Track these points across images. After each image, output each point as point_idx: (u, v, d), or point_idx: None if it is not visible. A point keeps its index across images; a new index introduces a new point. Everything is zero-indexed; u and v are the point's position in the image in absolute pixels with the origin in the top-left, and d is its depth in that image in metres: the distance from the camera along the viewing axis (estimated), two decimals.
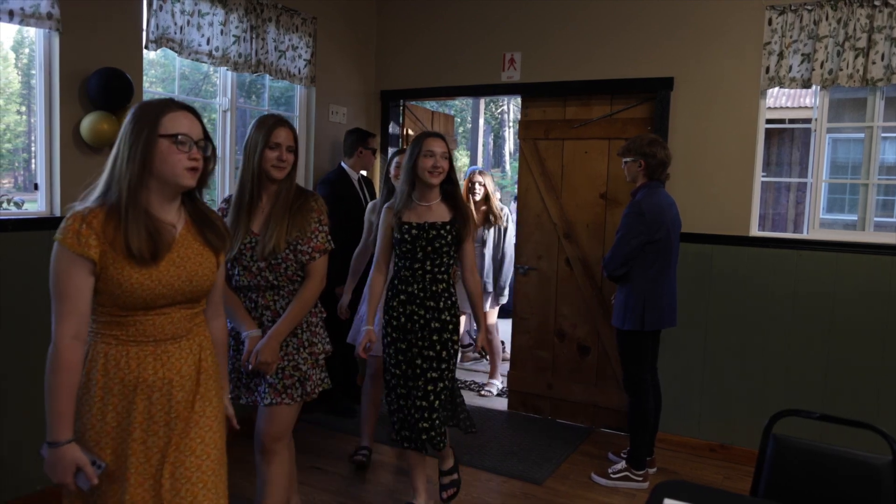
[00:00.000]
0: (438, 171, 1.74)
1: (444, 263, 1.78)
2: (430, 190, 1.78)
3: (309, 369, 1.55)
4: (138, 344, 1.04)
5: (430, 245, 1.75)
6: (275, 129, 1.49)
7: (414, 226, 1.75)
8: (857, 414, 1.99)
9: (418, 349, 1.77)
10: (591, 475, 2.27)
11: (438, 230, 1.75)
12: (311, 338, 1.57)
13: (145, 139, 1.01)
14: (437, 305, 1.77)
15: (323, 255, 1.53)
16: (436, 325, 1.76)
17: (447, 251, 1.77)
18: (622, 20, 2.59)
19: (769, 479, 1.23)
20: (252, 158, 1.48)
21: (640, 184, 2.19)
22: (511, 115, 10.02)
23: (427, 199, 1.78)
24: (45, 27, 1.77)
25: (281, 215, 1.48)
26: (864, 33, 2.16)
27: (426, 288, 1.77)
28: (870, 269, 2.23)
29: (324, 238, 1.53)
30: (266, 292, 1.52)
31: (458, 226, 1.77)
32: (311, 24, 2.69)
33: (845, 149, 6.19)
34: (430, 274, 1.77)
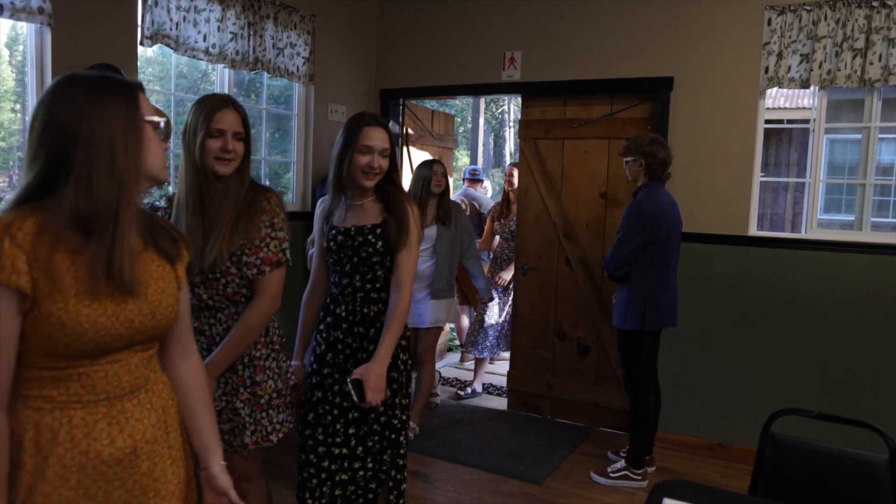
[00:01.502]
0: (374, 173, 1.37)
1: (378, 279, 1.39)
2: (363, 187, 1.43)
3: (252, 414, 1.23)
4: (85, 406, 0.75)
5: (356, 254, 1.38)
6: (217, 111, 1.18)
7: (340, 230, 1.39)
8: (854, 412, 1.99)
9: (339, 387, 1.38)
10: (591, 474, 2.27)
11: (365, 235, 1.37)
12: (255, 375, 1.24)
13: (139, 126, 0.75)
14: (368, 333, 1.38)
15: (276, 270, 1.21)
16: (363, 357, 1.38)
17: (380, 262, 1.38)
18: (622, 20, 2.59)
19: (768, 478, 1.23)
20: (192, 149, 1.18)
21: (641, 183, 2.19)
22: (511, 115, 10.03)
23: (358, 198, 1.41)
24: (37, 22, 1.76)
25: (224, 220, 1.18)
26: (863, 34, 2.16)
27: (355, 310, 1.39)
28: (867, 268, 2.24)
29: (276, 247, 1.21)
30: (200, 314, 1.22)
31: (391, 231, 1.36)
32: (310, 21, 2.68)
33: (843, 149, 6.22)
34: (361, 292, 1.38)
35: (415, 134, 3.33)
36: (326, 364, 1.41)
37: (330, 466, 1.37)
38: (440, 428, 2.69)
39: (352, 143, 1.36)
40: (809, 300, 2.32)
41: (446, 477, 2.25)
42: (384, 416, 1.38)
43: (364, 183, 1.38)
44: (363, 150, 1.36)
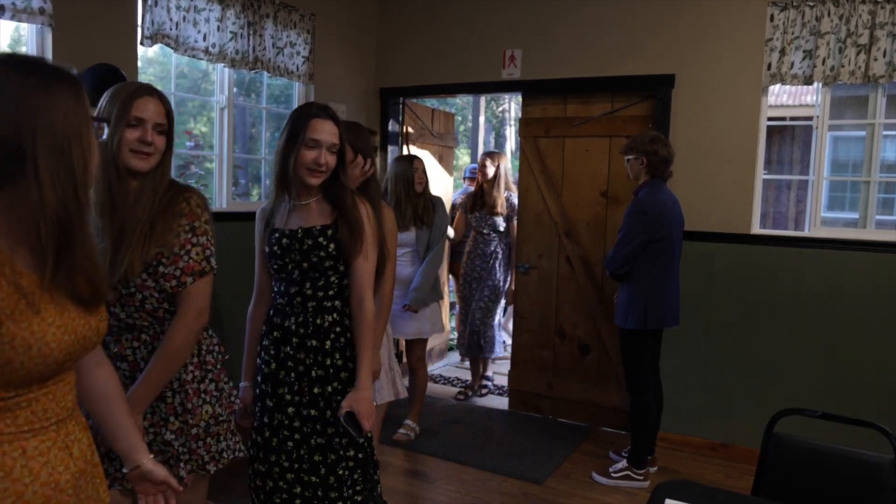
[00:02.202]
0: (321, 171, 1.23)
1: (331, 286, 1.26)
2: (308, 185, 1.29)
3: (185, 444, 1.10)
4: (37, 434, 0.67)
5: (305, 259, 1.24)
6: (137, 98, 1.03)
7: (285, 233, 1.26)
8: (858, 412, 1.97)
9: (295, 408, 1.25)
10: (592, 474, 2.26)
11: (315, 238, 1.24)
12: (186, 401, 1.10)
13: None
14: (323, 346, 1.25)
15: (199, 280, 1.06)
16: (318, 374, 1.25)
17: (332, 267, 1.25)
18: (623, 17, 2.58)
19: (771, 479, 1.22)
20: (108, 141, 1.01)
21: (642, 181, 2.18)
22: (512, 114, 10.02)
23: (303, 197, 1.28)
24: (38, 23, 1.76)
25: (137, 224, 1.02)
26: (866, 30, 2.14)
27: (307, 321, 1.25)
28: (871, 266, 2.22)
29: (199, 255, 1.06)
30: (121, 336, 1.08)
31: (344, 238, 1.24)
32: (310, 20, 2.67)
33: (846, 146, 6.18)
34: (312, 301, 1.25)
35: (415, 133, 3.32)
36: (280, 383, 1.27)
37: (304, 493, 1.26)
38: (440, 428, 2.68)
39: (298, 136, 1.23)
40: (813, 299, 2.30)
41: (446, 476, 2.25)
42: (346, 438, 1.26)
43: (309, 181, 1.24)
44: (310, 145, 1.22)
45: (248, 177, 4.46)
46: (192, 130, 5.16)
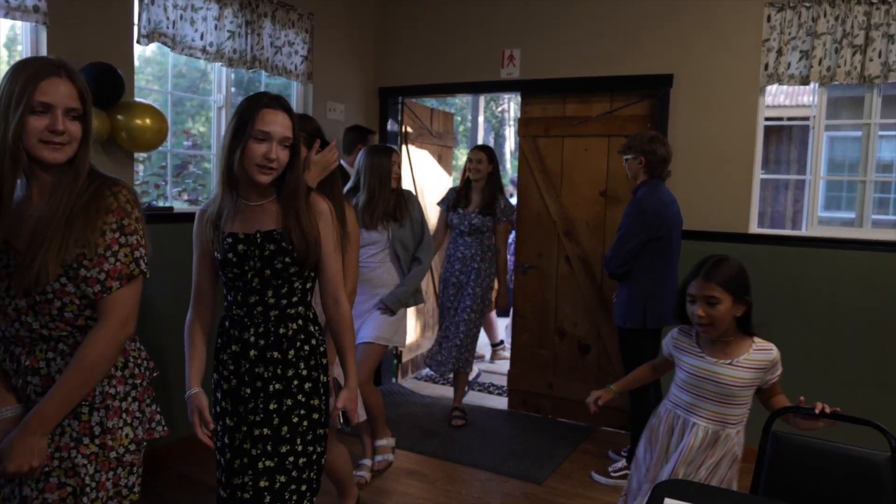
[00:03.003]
0: (271, 168, 1.11)
1: (296, 292, 1.17)
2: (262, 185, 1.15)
3: (96, 474, 0.94)
4: None
5: (267, 266, 1.14)
6: (42, 79, 0.89)
7: (240, 238, 1.14)
8: (856, 410, 1.98)
9: (248, 426, 1.16)
10: (592, 474, 2.26)
11: (278, 242, 1.14)
12: (107, 420, 0.95)
13: None
14: (285, 357, 1.16)
15: (126, 285, 0.94)
16: (276, 388, 1.15)
17: (297, 273, 1.16)
18: (622, 17, 2.58)
19: (769, 477, 1.22)
20: (7, 128, 0.88)
21: (641, 181, 2.18)
22: (511, 114, 10.03)
23: (254, 197, 1.16)
24: (32, 20, 1.75)
25: (55, 221, 0.90)
26: (862, 30, 2.16)
27: (268, 332, 1.16)
28: (867, 265, 2.23)
29: (127, 256, 0.94)
30: (35, 347, 0.95)
31: (295, 239, 1.13)
32: (308, 19, 2.67)
33: (843, 146, 6.21)
34: (275, 310, 1.15)
35: (414, 132, 3.32)
36: (241, 399, 1.17)
37: None
38: (440, 428, 2.68)
39: (246, 128, 1.10)
40: (810, 298, 2.31)
41: (446, 477, 2.25)
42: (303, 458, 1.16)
43: (258, 178, 1.11)
44: (259, 138, 1.09)
45: None
46: (190, 130, 5.15)
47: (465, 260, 2.68)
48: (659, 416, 1.41)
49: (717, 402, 1.30)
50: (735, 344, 1.31)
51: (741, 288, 1.28)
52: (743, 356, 1.30)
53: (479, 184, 2.69)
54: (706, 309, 1.26)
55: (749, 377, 1.30)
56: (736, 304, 1.27)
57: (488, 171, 2.68)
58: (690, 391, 1.33)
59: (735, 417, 1.32)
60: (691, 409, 1.33)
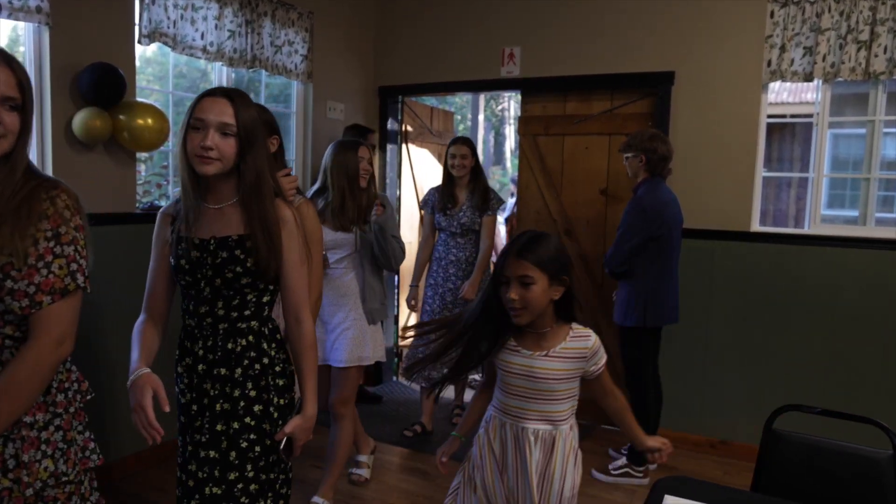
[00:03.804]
0: (209, 157, 1.01)
1: (247, 305, 1.08)
2: (219, 182, 1.06)
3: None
4: None
5: (218, 275, 1.05)
6: None
7: (195, 243, 1.06)
8: (858, 409, 1.97)
9: (194, 446, 1.09)
10: (592, 472, 2.26)
11: (231, 250, 1.05)
12: (21, 453, 0.85)
13: None
14: (233, 375, 1.07)
15: (61, 301, 0.84)
16: (224, 408, 1.07)
17: (250, 284, 1.07)
18: (623, 14, 2.57)
19: (770, 475, 1.22)
20: None
21: (641, 179, 2.18)
22: (512, 113, 10.02)
23: (215, 199, 1.08)
24: (35, 21, 1.76)
25: None
26: (867, 26, 2.14)
27: (215, 346, 1.07)
28: (871, 264, 2.22)
29: (62, 269, 0.85)
30: None
31: (260, 251, 1.04)
32: (308, 18, 2.67)
33: (846, 144, 6.17)
34: (224, 322, 1.07)
35: (414, 131, 3.32)
36: (195, 415, 1.11)
37: None
38: (441, 426, 2.68)
39: (187, 119, 1.03)
40: (812, 296, 2.30)
41: (447, 475, 2.25)
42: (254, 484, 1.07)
43: (199, 170, 1.02)
44: (195, 126, 1.02)
45: None
46: None
47: (460, 263, 2.50)
48: (487, 430, 1.20)
49: (542, 400, 1.14)
50: (552, 333, 1.15)
51: (558, 267, 1.12)
52: (559, 345, 1.14)
53: (464, 180, 2.49)
54: (519, 290, 1.09)
55: (566, 368, 1.14)
56: (553, 286, 1.12)
57: (472, 165, 2.49)
58: (515, 393, 1.15)
59: (563, 413, 1.16)
60: (521, 413, 1.14)
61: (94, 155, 1.95)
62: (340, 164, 1.88)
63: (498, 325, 1.14)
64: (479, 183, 2.51)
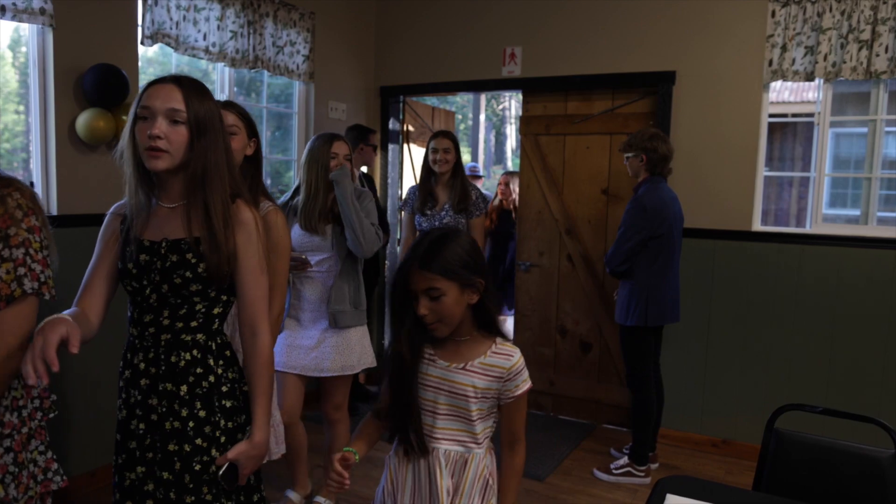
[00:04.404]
0: (158, 149, 0.93)
1: (195, 315, 0.99)
2: (172, 178, 0.98)
3: None
4: None
5: (166, 280, 0.97)
6: None
7: (144, 245, 0.98)
8: (859, 408, 1.98)
9: (146, 468, 0.99)
10: (594, 471, 2.26)
11: (183, 253, 0.96)
12: None
13: None
14: (179, 391, 0.98)
15: (8, 308, 0.81)
16: (174, 426, 0.98)
17: (200, 292, 0.98)
18: (624, 14, 2.57)
19: (772, 474, 1.22)
20: None
21: (642, 179, 2.18)
22: (513, 112, 10.02)
23: (168, 197, 0.99)
24: (38, 23, 1.76)
25: None
26: (868, 25, 2.14)
27: (158, 359, 0.98)
28: (872, 263, 2.22)
29: (9, 273, 0.81)
30: None
31: (207, 250, 0.96)
32: (310, 19, 2.67)
33: (848, 143, 6.16)
34: (167, 333, 0.98)
35: (415, 131, 3.32)
36: (130, 435, 1.00)
37: None
38: None
39: (134, 110, 0.95)
40: (814, 296, 2.30)
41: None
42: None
43: (149, 165, 0.94)
44: (143, 116, 0.93)
45: None
46: None
47: None
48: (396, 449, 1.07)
49: (454, 418, 1.02)
50: (472, 343, 1.03)
51: (469, 271, 0.97)
52: (478, 359, 1.01)
53: (445, 177, 2.28)
54: (429, 304, 0.96)
55: (483, 386, 1.01)
56: (466, 292, 0.98)
57: (455, 160, 2.28)
58: (426, 408, 1.02)
59: (477, 436, 1.03)
60: (430, 431, 1.02)
61: (97, 156, 1.96)
62: (312, 159, 1.75)
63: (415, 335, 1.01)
64: (459, 180, 2.30)
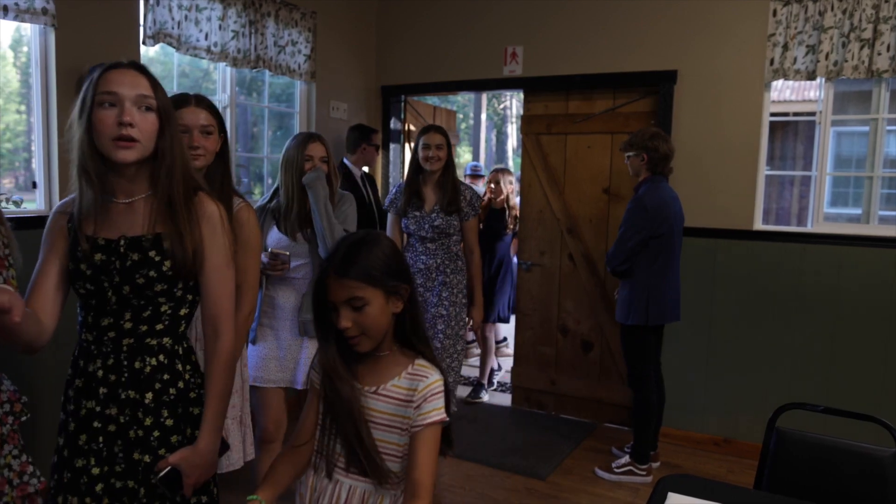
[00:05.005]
0: (131, 139, 0.86)
1: (160, 317, 0.93)
2: (132, 171, 0.90)
3: None
4: None
5: (128, 281, 0.90)
6: None
7: (99, 244, 0.90)
8: (861, 407, 1.97)
9: (104, 483, 0.92)
10: (595, 470, 2.27)
11: (145, 251, 0.90)
12: None
13: None
14: (143, 400, 0.92)
15: None
16: (137, 435, 0.92)
17: (166, 292, 0.92)
18: (625, 13, 2.57)
19: (773, 473, 1.22)
20: None
21: (642, 178, 2.18)
22: (514, 111, 10.02)
23: (123, 192, 0.91)
24: (40, 23, 1.76)
25: None
26: (870, 24, 2.13)
27: (120, 365, 0.92)
28: (874, 262, 2.21)
29: None
30: None
31: (173, 246, 0.90)
32: (311, 18, 2.68)
33: (849, 142, 6.15)
34: (130, 337, 0.92)
35: (417, 131, 3.32)
36: (79, 451, 0.91)
37: None
38: None
39: (87, 97, 0.87)
40: (815, 294, 2.30)
41: (450, 472, 2.26)
42: None
43: (118, 156, 0.85)
44: (106, 102, 0.86)
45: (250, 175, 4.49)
46: None
47: (429, 272, 2.05)
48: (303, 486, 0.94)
49: (367, 450, 0.87)
50: (390, 361, 0.89)
51: (391, 276, 0.86)
52: (391, 381, 0.88)
53: (435, 175, 2.05)
54: (352, 316, 0.85)
55: (390, 411, 0.87)
56: (391, 300, 0.87)
57: (447, 158, 2.07)
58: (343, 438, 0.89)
59: (392, 476, 0.88)
60: (339, 462, 0.90)
61: None
62: (287, 162, 1.64)
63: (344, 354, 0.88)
64: (450, 179, 2.07)
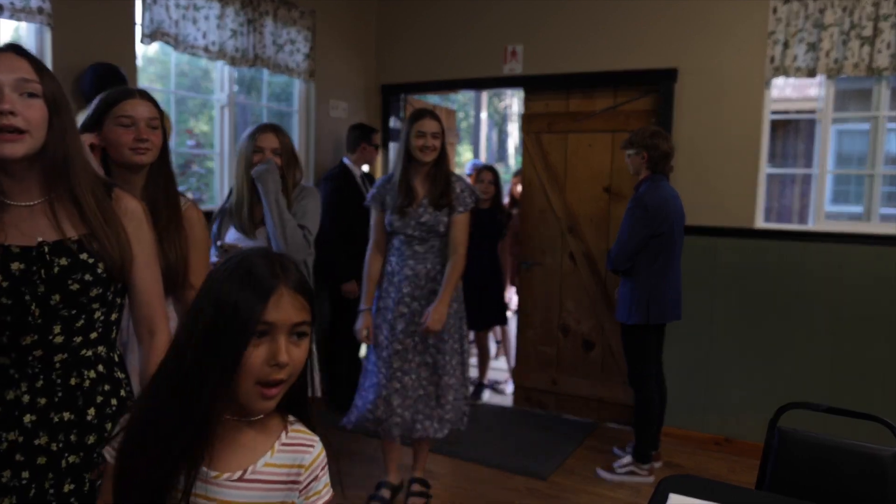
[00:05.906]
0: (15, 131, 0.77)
1: (94, 325, 0.84)
2: (25, 169, 0.81)
3: None
4: None
5: (57, 290, 0.80)
6: None
7: (14, 252, 0.80)
8: (863, 406, 1.97)
9: None
10: (597, 470, 2.26)
11: (75, 255, 0.81)
12: None
13: None
14: (82, 418, 0.82)
15: None
16: (74, 461, 0.82)
17: (100, 297, 0.83)
18: (625, 11, 2.56)
19: (775, 473, 1.22)
20: None
21: (643, 176, 2.17)
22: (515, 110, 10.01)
23: (26, 193, 0.82)
24: (36, 22, 1.76)
25: None
26: (870, 21, 2.13)
27: (53, 385, 0.81)
28: (875, 260, 2.21)
29: None
30: None
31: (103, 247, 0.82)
32: (310, 17, 2.67)
33: (850, 140, 6.14)
34: (64, 352, 0.82)
35: None
36: (2, 491, 0.81)
37: None
38: None
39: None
40: (817, 293, 2.29)
41: (451, 473, 2.26)
42: None
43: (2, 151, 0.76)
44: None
45: None
46: (193, 129, 5.17)
47: (418, 279, 1.79)
48: None
49: None
50: (260, 430, 0.66)
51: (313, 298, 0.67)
52: (262, 459, 0.65)
53: (427, 167, 1.79)
54: (292, 349, 0.63)
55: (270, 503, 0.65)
56: None
57: (443, 146, 1.81)
58: None
59: None
60: None
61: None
62: (238, 154, 1.52)
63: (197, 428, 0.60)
64: (442, 171, 1.80)
